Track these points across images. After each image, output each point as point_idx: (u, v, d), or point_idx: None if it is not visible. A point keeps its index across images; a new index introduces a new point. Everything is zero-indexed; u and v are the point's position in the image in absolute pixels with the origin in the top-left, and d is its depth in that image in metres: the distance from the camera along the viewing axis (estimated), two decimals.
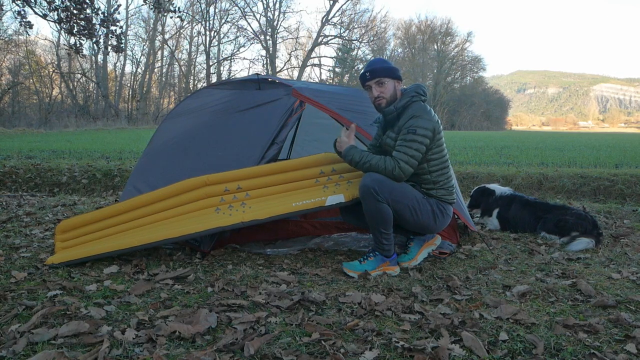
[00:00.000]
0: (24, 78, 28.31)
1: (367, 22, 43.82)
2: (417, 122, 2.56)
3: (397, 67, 2.79)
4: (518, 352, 1.73)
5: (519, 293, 2.34)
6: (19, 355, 1.61)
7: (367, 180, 2.51)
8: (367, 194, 2.50)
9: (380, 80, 2.67)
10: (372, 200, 2.50)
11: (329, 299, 2.22)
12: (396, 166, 2.53)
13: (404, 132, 2.58)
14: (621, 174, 7.20)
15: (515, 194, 4.04)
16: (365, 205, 2.56)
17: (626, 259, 3.08)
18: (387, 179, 2.53)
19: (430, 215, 2.67)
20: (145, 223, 2.83)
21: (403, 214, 2.60)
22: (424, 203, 2.65)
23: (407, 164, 2.54)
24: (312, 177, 2.89)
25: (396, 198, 2.55)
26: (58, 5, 7.41)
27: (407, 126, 2.57)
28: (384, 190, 2.50)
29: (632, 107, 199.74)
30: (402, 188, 2.59)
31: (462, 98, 50.58)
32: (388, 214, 2.55)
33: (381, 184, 2.50)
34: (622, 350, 1.75)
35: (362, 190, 2.52)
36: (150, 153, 3.73)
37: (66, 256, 2.69)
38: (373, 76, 2.67)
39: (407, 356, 1.68)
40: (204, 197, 2.77)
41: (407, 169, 2.55)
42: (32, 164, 7.57)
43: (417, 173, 2.65)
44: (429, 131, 2.56)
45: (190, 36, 38.92)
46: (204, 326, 1.85)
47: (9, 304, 2.05)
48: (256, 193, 2.81)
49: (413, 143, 2.54)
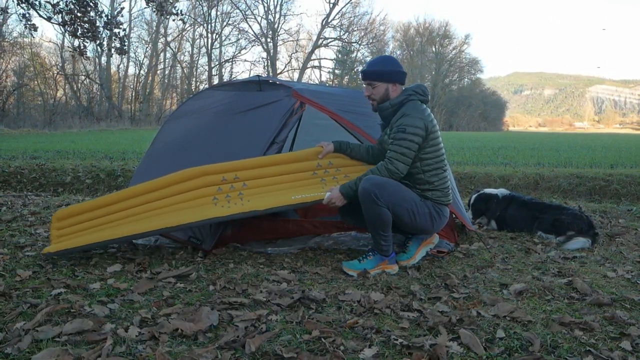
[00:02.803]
0: (28, 80, 28.37)
1: (366, 24, 43.94)
2: (406, 121, 2.57)
3: (398, 69, 2.71)
4: (515, 350, 1.74)
5: (516, 291, 2.36)
6: (23, 352, 1.63)
7: (367, 185, 2.52)
8: (367, 198, 2.51)
9: (370, 83, 2.70)
10: (372, 204, 2.51)
11: (329, 297, 2.24)
12: (388, 163, 2.56)
13: (394, 131, 2.60)
14: (616, 174, 7.24)
15: (513, 195, 4.06)
16: (365, 209, 2.57)
17: (621, 258, 3.10)
18: (387, 183, 2.54)
19: (427, 218, 2.68)
20: (141, 211, 2.79)
21: (402, 217, 2.61)
22: (422, 206, 2.66)
23: (398, 161, 2.56)
24: (310, 170, 2.89)
25: (396, 202, 2.56)
26: (62, 8, 7.44)
27: (397, 125, 2.60)
28: (384, 194, 2.51)
29: (627, 108, 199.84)
30: (401, 192, 2.60)
31: (459, 99, 50.72)
32: (387, 217, 2.57)
33: (382, 188, 2.51)
34: (617, 347, 1.77)
35: (362, 194, 2.53)
36: (152, 153, 3.76)
37: (62, 245, 2.68)
38: (364, 77, 2.73)
39: (405, 353, 1.69)
40: (201, 187, 2.76)
41: (400, 165, 2.56)
42: (37, 164, 7.60)
43: (411, 173, 2.66)
44: (419, 129, 2.57)
45: (192, 38, 39.13)
46: (206, 324, 1.87)
47: (14, 302, 2.07)
48: (254, 183, 2.80)
49: (403, 141, 2.56)
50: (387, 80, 2.69)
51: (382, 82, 2.68)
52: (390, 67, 2.72)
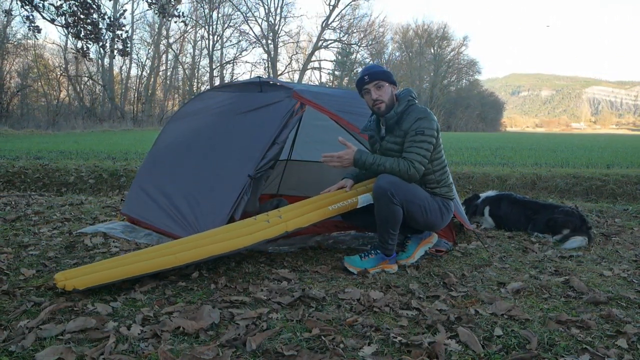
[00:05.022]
0: (32, 81, 28.42)
1: (365, 26, 44.03)
2: (424, 124, 2.62)
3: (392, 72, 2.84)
4: (512, 347, 1.75)
5: (514, 290, 2.38)
6: (27, 350, 1.64)
7: (383, 183, 2.55)
8: (383, 196, 2.54)
9: (378, 84, 2.71)
10: (388, 202, 2.55)
11: (329, 296, 2.26)
12: (410, 166, 2.58)
13: (411, 134, 2.63)
14: (612, 174, 7.26)
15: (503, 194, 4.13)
16: (379, 207, 2.59)
17: (617, 257, 3.13)
18: (401, 181, 2.58)
19: (438, 213, 2.75)
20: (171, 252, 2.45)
21: (414, 214, 2.66)
22: (432, 202, 2.72)
23: (420, 164, 2.60)
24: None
25: (410, 199, 2.61)
26: (66, 10, 7.48)
27: (414, 128, 2.63)
28: (400, 192, 2.55)
29: (623, 109, 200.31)
30: (414, 189, 2.65)
31: (458, 100, 50.79)
32: (400, 215, 2.61)
33: (397, 186, 2.55)
34: (613, 345, 1.79)
35: (378, 192, 2.56)
36: (155, 154, 3.79)
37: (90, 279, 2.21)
38: (372, 79, 2.71)
39: (404, 351, 1.71)
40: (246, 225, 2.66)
41: (421, 168, 2.61)
42: (40, 165, 7.63)
43: (423, 173, 2.71)
44: (434, 131, 2.65)
45: (194, 40, 39.19)
46: (207, 322, 1.88)
47: (17, 301, 2.08)
48: (289, 215, 2.74)
49: (423, 144, 2.61)
50: (391, 81, 2.75)
51: (388, 82, 2.73)
52: (388, 70, 2.80)
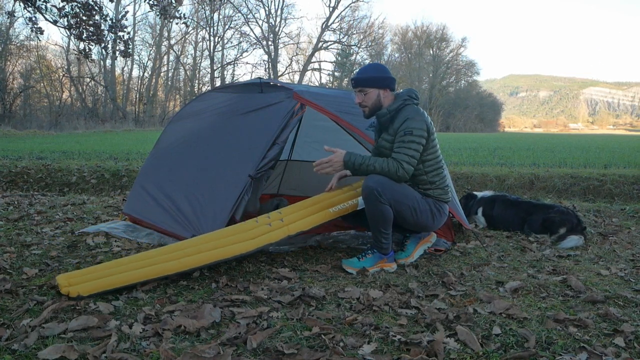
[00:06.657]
0: (35, 82, 28.51)
1: (365, 28, 44.10)
2: (412, 124, 2.61)
3: (388, 75, 2.75)
4: (511, 346, 1.76)
5: (512, 289, 2.39)
6: (30, 348, 1.64)
7: (370, 182, 2.56)
8: (370, 195, 2.56)
9: (361, 90, 2.72)
10: (375, 201, 2.56)
11: (329, 295, 2.27)
12: (399, 167, 2.58)
13: (400, 135, 2.63)
14: (610, 174, 7.27)
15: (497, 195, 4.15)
16: (368, 206, 2.61)
17: (615, 256, 3.14)
18: (389, 181, 2.59)
19: (428, 215, 2.73)
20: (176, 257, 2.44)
21: (404, 215, 2.66)
22: (423, 203, 2.71)
23: (408, 164, 2.60)
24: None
25: (398, 199, 2.61)
26: (68, 12, 7.52)
27: (402, 128, 2.63)
28: (387, 191, 2.56)
29: (620, 109, 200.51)
30: (403, 189, 2.65)
31: (456, 101, 50.86)
32: (389, 214, 2.62)
33: (384, 185, 2.56)
34: (610, 343, 1.79)
35: (365, 191, 2.57)
36: (156, 154, 3.80)
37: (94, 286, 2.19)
38: (355, 85, 2.74)
39: (403, 350, 1.72)
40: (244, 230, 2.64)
41: (409, 168, 2.61)
42: (43, 165, 7.64)
43: (414, 174, 2.71)
44: (423, 131, 2.63)
45: (195, 41, 39.22)
46: (209, 321, 1.89)
47: (20, 299, 2.09)
48: (290, 218, 2.73)
49: (411, 144, 2.60)
50: (379, 85, 2.72)
51: (373, 88, 2.72)
52: (380, 73, 2.75)
